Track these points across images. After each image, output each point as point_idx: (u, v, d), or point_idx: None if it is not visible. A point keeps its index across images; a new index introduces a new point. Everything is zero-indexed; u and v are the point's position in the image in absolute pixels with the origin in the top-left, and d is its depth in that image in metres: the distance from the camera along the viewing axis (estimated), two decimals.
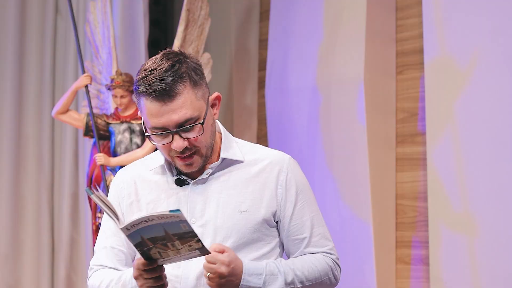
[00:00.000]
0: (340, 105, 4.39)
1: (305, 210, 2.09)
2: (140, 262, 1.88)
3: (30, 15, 5.44)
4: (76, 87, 4.60)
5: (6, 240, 5.33)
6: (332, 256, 2.11)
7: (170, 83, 1.92)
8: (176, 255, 1.85)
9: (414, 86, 4.25)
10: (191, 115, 1.94)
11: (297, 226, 2.08)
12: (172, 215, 1.75)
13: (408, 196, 4.26)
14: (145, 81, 1.94)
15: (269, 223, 2.06)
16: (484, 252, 3.62)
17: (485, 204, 3.62)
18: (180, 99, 1.93)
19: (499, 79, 3.57)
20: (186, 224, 1.77)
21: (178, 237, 1.79)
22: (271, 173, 2.08)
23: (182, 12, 4.77)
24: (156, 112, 1.94)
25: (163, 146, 1.98)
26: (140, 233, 1.80)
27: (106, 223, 2.14)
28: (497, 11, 3.59)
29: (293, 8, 4.78)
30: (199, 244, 1.82)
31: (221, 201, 2.03)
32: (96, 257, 2.13)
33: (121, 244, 2.10)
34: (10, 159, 5.36)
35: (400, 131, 4.33)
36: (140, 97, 1.97)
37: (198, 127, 1.96)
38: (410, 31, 4.29)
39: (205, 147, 2.00)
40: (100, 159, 4.49)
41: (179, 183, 2.05)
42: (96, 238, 4.69)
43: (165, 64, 1.94)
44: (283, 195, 2.07)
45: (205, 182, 2.05)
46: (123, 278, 2.02)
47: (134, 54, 5.17)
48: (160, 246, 1.82)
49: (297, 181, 2.09)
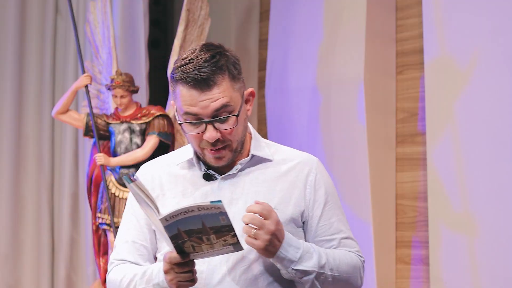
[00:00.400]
0: (340, 105, 4.39)
1: (333, 211, 2.08)
2: (173, 256, 1.85)
3: (30, 15, 5.44)
4: (76, 87, 4.60)
5: (6, 240, 5.33)
6: (361, 258, 2.11)
7: (209, 72, 1.92)
8: (210, 250, 1.82)
9: (414, 86, 4.25)
10: (227, 102, 1.94)
11: (325, 227, 2.07)
12: (213, 206, 1.74)
13: (408, 196, 4.26)
14: (183, 69, 1.94)
15: (296, 222, 2.04)
16: (484, 252, 3.62)
17: (485, 204, 3.62)
18: (217, 89, 1.93)
19: (499, 79, 3.57)
20: (225, 217, 1.76)
21: (215, 230, 1.78)
22: (300, 173, 2.07)
23: (182, 12, 4.77)
24: (192, 100, 1.93)
25: (194, 136, 1.97)
26: (178, 225, 1.78)
27: (128, 217, 2.11)
28: (497, 11, 3.59)
29: (293, 8, 4.78)
30: (234, 239, 1.80)
31: (250, 197, 2.01)
32: (117, 251, 2.10)
33: (143, 238, 2.07)
34: (10, 159, 5.36)
35: (400, 131, 4.33)
36: (177, 84, 1.96)
37: (233, 119, 1.96)
38: (410, 31, 4.29)
39: (237, 141, 1.99)
40: (100, 159, 4.49)
41: (207, 177, 2.04)
42: (96, 238, 4.71)
43: (205, 55, 1.94)
44: (311, 195, 2.06)
45: (233, 178, 2.04)
46: (148, 273, 1.98)
47: (134, 54, 5.17)
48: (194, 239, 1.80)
49: (325, 183, 2.09)
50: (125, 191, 4.60)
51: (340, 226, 2.09)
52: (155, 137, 4.57)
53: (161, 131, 4.58)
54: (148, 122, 4.61)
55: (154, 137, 4.57)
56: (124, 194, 4.59)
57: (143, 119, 4.61)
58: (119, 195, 4.59)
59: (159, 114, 4.62)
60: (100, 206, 4.62)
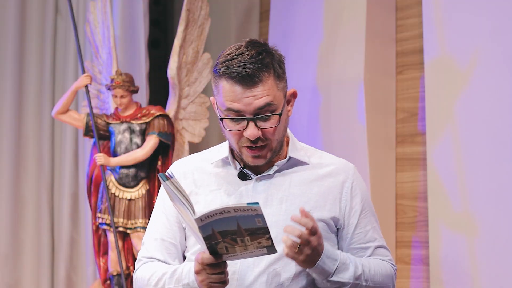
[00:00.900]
0: (340, 105, 4.39)
1: (368, 219, 2.07)
2: (206, 256, 1.82)
3: (30, 15, 5.44)
4: (76, 87, 4.60)
5: (6, 240, 5.33)
6: (393, 267, 2.10)
7: (255, 69, 1.90)
8: (243, 252, 1.80)
9: (414, 86, 4.25)
10: (271, 101, 1.91)
11: (361, 235, 2.06)
12: (249, 208, 1.71)
13: (408, 196, 4.26)
14: (228, 64, 1.91)
15: (330, 228, 2.02)
16: (484, 252, 3.62)
17: (485, 204, 3.62)
18: (262, 86, 1.90)
19: (499, 79, 3.57)
20: (262, 220, 1.74)
21: (250, 232, 1.75)
22: (337, 179, 2.05)
23: (182, 12, 4.77)
24: (235, 96, 1.91)
25: (234, 133, 1.94)
26: (212, 226, 1.75)
27: (158, 214, 2.09)
28: (497, 11, 3.59)
29: (293, 8, 4.78)
30: (269, 242, 1.78)
31: (285, 199, 2.00)
32: (146, 248, 2.07)
33: (172, 236, 2.05)
34: (10, 159, 5.36)
35: (400, 131, 4.33)
36: (220, 79, 1.93)
37: (275, 118, 1.93)
38: (410, 31, 4.29)
39: (277, 141, 1.97)
40: (100, 159, 4.49)
41: (242, 177, 2.02)
42: (96, 238, 4.71)
43: (251, 52, 1.92)
44: (347, 202, 2.04)
45: (269, 179, 2.01)
46: (178, 272, 1.96)
47: (134, 54, 5.17)
48: (228, 240, 1.77)
49: (361, 190, 2.08)
50: (125, 191, 4.60)
51: (374, 234, 2.08)
52: (155, 137, 4.57)
53: (161, 131, 4.58)
54: (148, 122, 4.61)
55: (154, 137, 4.56)
56: (124, 194, 4.59)
57: (143, 119, 4.61)
58: (119, 195, 4.59)
59: (159, 114, 4.62)
60: (100, 206, 4.62)
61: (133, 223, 4.58)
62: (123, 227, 4.57)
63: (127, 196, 4.59)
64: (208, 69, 4.91)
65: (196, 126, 4.92)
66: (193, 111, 4.90)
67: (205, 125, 4.93)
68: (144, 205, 4.60)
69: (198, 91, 4.91)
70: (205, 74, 4.91)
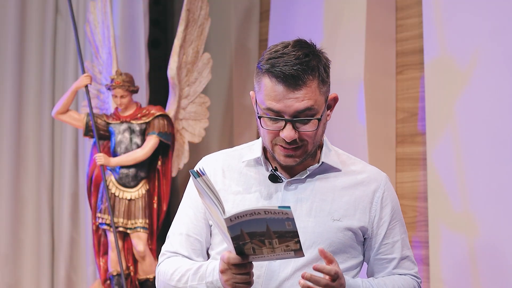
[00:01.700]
0: (340, 105, 4.38)
1: (396, 230, 2.06)
2: (232, 256, 1.79)
3: (30, 15, 5.44)
4: (76, 87, 4.60)
5: (6, 240, 5.33)
6: (418, 280, 2.08)
7: (300, 71, 1.87)
8: (270, 254, 1.78)
9: (414, 86, 4.25)
10: (311, 106, 1.89)
11: (388, 246, 2.04)
12: (280, 211, 1.70)
13: (408, 196, 4.26)
14: (274, 62, 1.89)
15: (358, 237, 2.01)
16: (484, 252, 3.62)
17: (485, 204, 3.61)
18: (305, 89, 1.88)
19: (499, 79, 3.57)
20: (292, 223, 1.72)
21: (278, 235, 1.73)
22: (368, 188, 2.03)
23: (182, 12, 4.77)
24: (277, 95, 1.88)
25: (270, 131, 1.92)
26: (241, 226, 1.73)
27: (185, 208, 2.06)
28: (497, 11, 3.59)
29: (293, 8, 4.78)
30: (297, 246, 1.76)
31: (315, 205, 1.98)
32: (170, 242, 2.05)
33: (197, 233, 2.03)
34: (10, 159, 5.36)
35: (400, 131, 4.33)
36: (264, 76, 1.91)
37: (314, 122, 1.92)
38: (410, 31, 4.29)
39: (313, 144, 1.96)
40: (100, 159, 4.49)
41: (273, 179, 1.99)
42: (96, 238, 4.71)
43: (299, 52, 1.91)
44: (376, 212, 2.03)
45: (300, 183, 1.99)
46: (202, 270, 1.93)
47: (134, 54, 5.17)
48: (256, 242, 1.75)
49: (392, 201, 2.07)
50: (125, 191, 4.60)
51: (402, 246, 2.06)
52: (155, 137, 4.57)
53: (161, 131, 4.58)
54: (148, 122, 4.61)
55: (154, 137, 4.57)
56: (124, 194, 4.59)
57: (143, 119, 4.61)
58: (119, 195, 4.59)
59: (159, 114, 4.62)
60: (100, 206, 4.62)
61: (133, 223, 4.58)
62: (123, 227, 4.57)
63: (127, 196, 4.59)
64: (208, 69, 4.91)
65: (196, 126, 4.91)
66: (193, 111, 4.90)
67: (205, 125, 4.93)
68: (144, 205, 4.60)
69: (198, 91, 4.91)
70: (205, 74, 4.91)
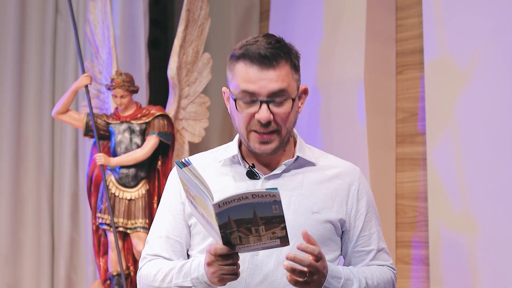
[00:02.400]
0: (340, 105, 4.39)
1: (373, 222, 2.09)
2: (219, 247, 1.79)
3: (30, 15, 5.44)
4: (76, 87, 4.60)
5: (6, 240, 5.33)
6: (394, 271, 2.11)
7: (273, 52, 1.92)
8: (256, 242, 1.78)
9: (414, 86, 4.25)
10: (285, 88, 1.93)
11: (366, 238, 2.07)
12: (268, 194, 1.71)
13: (408, 196, 4.26)
14: (247, 48, 1.93)
15: (337, 230, 2.03)
16: (484, 252, 3.62)
17: (485, 204, 3.62)
18: (279, 71, 1.92)
19: (499, 79, 3.57)
20: (278, 207, 1.73)
21: (265, 221, 1.74)
22: (344, 181, 2.06)
23: (182, 12, 4.77)
24: (251, 77, 1.91)
25: (245, 115, 1.94)
26: (229, 213, 1.74)
27: (163, 212, 2.07)
28: (497, 11, 3.59)
29: (293, 8, 4.78)
30: (283, 232, 1.77)
31: (293, 199, 2.00)
32: (150, 246, 2.06)
33: (177, 234, 2.04)
34: (10, 159, 5.36)
35: (400, 131, 4.33)
36: (237, 62, 1.94)
37: (288, 103, 1.95)
38: (410, 31, 4.29)
39: (286, 129, 1.97)
40: (100, 159, 4.49)
41: (250, 175, 2.01)
42: (96, 238, 4.71)
43: (270, 39, 1.95)
44: (353, 205, 2.05)
45: (277, 178, 2.01)
46: (186, 267, 1.93)
47: (134, 54, 5.17)
48: (243, 230, 1.76)
49: (367, 194, 2.10)
50: (125, 191, 4.60)
51: (378, 238, 2.09)
52: (155, 137, 4.57)
53: (161, 131, 4.58)
54: (148, 122, 4.61)
55: (154, 137, 4.57)
56: (124, 194, 4.59)
57: (143, 119, 4.61)
58: (119, 195, 4.59)
59: (159, 114, 4.62)
60: (100, 206, 4.62)
61: (133, 223, 4.58)
62: (123, 227, 4.57)
63: (127, 196, 4.59)
64: (208, 69, 4.91)
65: (196, 126, 4.91)
66: (193, 111, 4.90)
67: (205, 125, 4.93)
68: (144, 205, 4.60)
69: (198, 91, 4.91)
70: (205, 74, 4.91)
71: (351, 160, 2.19)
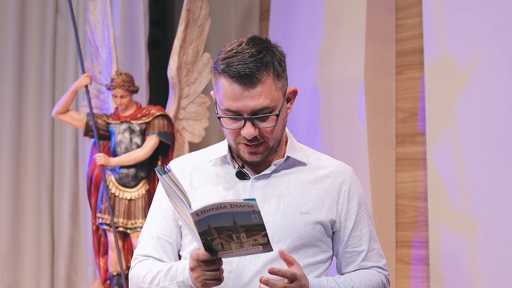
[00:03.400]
0: (340, 105, 4.39)
1: (364, 223, 2.08)
2: (201, 253, 1.80)
3: (30, 15, 5.44)
4: (76, 87, 4.60)
5: (6, 240, 5.33)
6: (385, 272, 2.11)
7: (254, 69, 1.89)
8: (238, 249, 1.79)
9: (414, 86, 4.25)
10: (268, 105, 1.91)
11: (356, 238, 2.06)
12: (246, 204, 1.71)
13: (408, 196, 4.26)
14: (228, 62, 1.90)
15: (327, 230, 2.02)
16: (484, 252, 3.62)
17: (485, 204, 3.62)
18: (260, 87, 1.90)
19: (499, 79, 3.57)
20: (258, 216, 1.72)
21: (245, 229, 1.74)
22: (334, 181, 2.05)
23: (182, 12, 4.77)
24: (234, 95, 1.90)
25: (232, 130, 1.94)
26: (208, 221, 1.74)
27: (154, 212, 2.08)
28: (497, 11, 3.59)
29: (293, 8, 4.78)
30: (265, 240, 1.77)
31: (283, 199, 1.99)
32: (141, 246, 2.07)
33: (168, 235, 2.04)
34: (10, 159, 5.36)
35: (400, 131, 4.33)
36: (220, 77, 1.93)
37: (273, 118, 1.93)
38: (410, 31, 4.29)
39: (274, 139, 1.97)
40: (100, 159, 4.49)
41: (240, 176, 2.01)
42: (96, 238, 4.71)
43: (252, 50, 1.91)
44: (344, 206, 2.04)
45: (266, 178, 2.01)
46: (172, 270, 1.95)
47: (134, 54, 5.17)
48: (224, 237, 1.76)
49: (359, 193, 2.08)
50: (125, 191, 4.60)
51: (369, 238, 2.08)
52: (155, 137, 4.57)
53: (161, 131, 4.58)
54: (148, 122, 4.61)
55: (154, 137, 4.57)
56: (124, 194, 4.59)
57: (143, 119, 4.61)
58: (119, 195, 4.59)
59: (159, 114, 4.62)
60: (100, 206, 4.62)
61: (133, 223, 4.58)
62: (123, 227, 4.57)
63: (127, 196, 4.59)
64: (208, 69, 4.91)
65: (196, 126, 4.91)
66: (193, 111, 4.90)
67: (205, 125, 4.93)
68: (144, 205, 4.60)
69: (198, 91, 4.91)
70: (205, 74, 4.91)
71: (351, 160, 2.19)
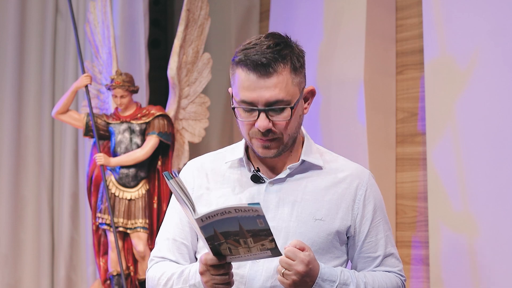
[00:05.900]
0: (340, 105, 4.39)
1: (380, 228, 2.06)
2: (209, 258, 1.81)
3: (30, 15, 5.44)
4: (76, 87, 4.60)
5: (6, 240, 5.33)
6: (402, 278, 2.08)
7: (271, 58, 1.88)
8: (247, 254, 1.78)
9: (414, 86, 4.25)
10: (283, 97, 1.90)
11: (371, 244, 2.04)
12: (250, 208, 1.70)
13: (408, 196, 4.26)
14: (245, 52, 1.91)
15: (341, 236, 2.00)
16: (484, 252, 3.62)
17: (485, 204, 3.61)
18: (276, 78, 1.89)
19: (499, 79, 3.57)
20: (263, 221, 1.71)
21: (252, 234, 1.73)
22: (350, 185, 2.03)
23: (182, 12, 4.77)
24: (249, 85, 1.90)
25: (246, 123, 1.93)
26: (214, 226, 1.73)
27: (171, 214, 2.08)
28: (497, 11, 3.59)
29: (293, 8, 4.78)
30: (272, 245, 1.76)
31: (297, 205, 1.98)
32: (158, 248, 2.07)
33: (184, 237, 2.04)
34: (10, 159, 5.36)
35: (400, 131, 4.33)
36: (237, 68, 1.93)
37: (287, 111, 1.91)
38: (410, 31, 4.29)
39: (288, 135, 1.95)
40: (100, 159, 4.49)
41: (255, 179, 2.00)
42: (96, 238, 4.71)
43: (270, 42, 1.91)
44: (359, 211, 2.02)
45: (281, 183, 1.99)
46: (185, 273, 1.95)
47: (134, 54, 5.17)
48: (231, 242, 1.75)
49: (375, 198, 2.06)
50: (125, 191, 4.60)
51: (385, 243, 2.06)
52: (155, 137, 4.57)
53: (161, 131, 4.58)
54: (148, 122, 4.61)
55: (154, 137, 4.57)
56: (124, 194, 4.59)
57: (143, 119, 4.61)
58: (119, 195, 4.59)
59: (159, 114, 4.62)
60: (100, 206, 4.62)
61: (133, 223, 4.58)
62: (123, 227, 4.57)
63: (127, 196, 4.59)
64: (208, 69, 4.91)
65: (196, 126, 4.91)
66: (193, 111, 4.90)
67: (205, 125, 4.93)
68: (144, 205, 4.60)
69: (198, 91, 4.91)
70: (205, 74, 4.91)
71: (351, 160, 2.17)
